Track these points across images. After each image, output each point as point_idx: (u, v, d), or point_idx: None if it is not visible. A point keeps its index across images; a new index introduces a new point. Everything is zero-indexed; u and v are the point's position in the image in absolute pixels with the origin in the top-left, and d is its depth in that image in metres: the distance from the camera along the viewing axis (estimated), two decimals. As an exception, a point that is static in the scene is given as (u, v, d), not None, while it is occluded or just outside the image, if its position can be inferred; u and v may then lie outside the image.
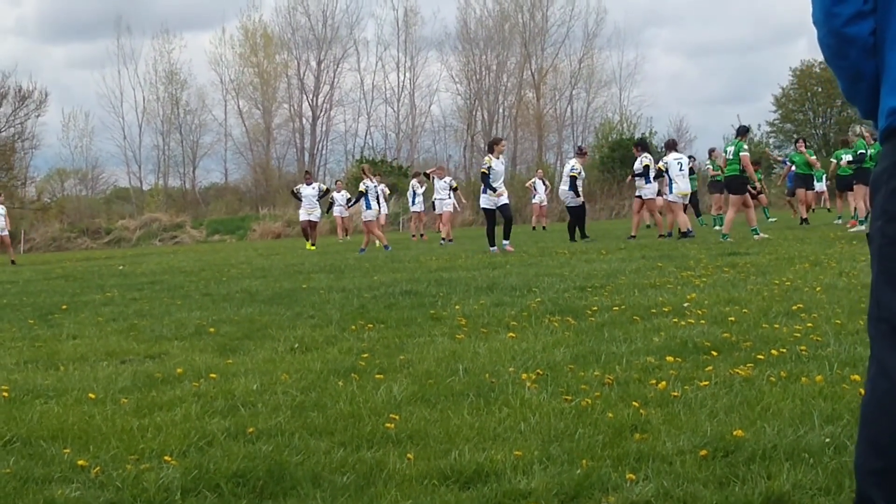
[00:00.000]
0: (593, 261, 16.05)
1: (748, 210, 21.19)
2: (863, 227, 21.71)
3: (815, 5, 3.05)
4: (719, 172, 25.85)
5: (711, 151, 30.64)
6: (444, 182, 29.61)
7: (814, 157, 26.11)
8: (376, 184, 26.64)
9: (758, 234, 20.47)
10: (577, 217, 24.59)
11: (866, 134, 23.42)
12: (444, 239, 28.04)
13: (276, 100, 65.91)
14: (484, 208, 22.26)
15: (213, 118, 65.74)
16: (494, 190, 21.36)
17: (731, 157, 21.02)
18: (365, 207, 25.98)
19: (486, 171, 21.44)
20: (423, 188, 33.38)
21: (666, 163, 23.55)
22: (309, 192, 28.54)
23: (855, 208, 23.87)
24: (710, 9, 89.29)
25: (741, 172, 20.71)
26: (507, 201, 21.96)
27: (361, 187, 26.08)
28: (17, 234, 44.32)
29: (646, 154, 24.85)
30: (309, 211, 28.60)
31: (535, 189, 39.91)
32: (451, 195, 29.48)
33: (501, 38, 64.78)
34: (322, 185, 31.79)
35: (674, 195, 23.39)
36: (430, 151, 66.71)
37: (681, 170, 23.20)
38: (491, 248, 21.18)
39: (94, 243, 51.67)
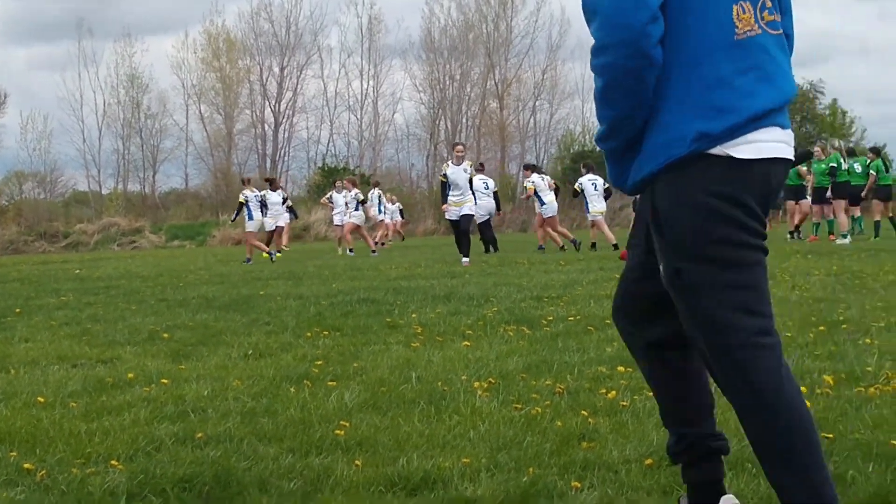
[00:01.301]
0: (552, 271, 16.11)
1: None
2: (847, 241, 21.97)
3: (618, 23, 2.98)
4: None
5: None
6: (352, 195, 28.82)
7: (805, 169, 26.34)
8: (257, 194, 26.54)
9: None
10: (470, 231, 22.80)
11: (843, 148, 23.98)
12: (342, 248, 27.54)
13: (238, 105, 65.68)
14: (449, 220, 21.23)
15: (174, 123, 65.36)
16: (457, 199, 20.28)
17: None
18: (247, 219, 25.86)
19: (444, 179, 20.63)
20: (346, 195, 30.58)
21: (580, 184, 25.28)
22: (275, 198, 28.29)
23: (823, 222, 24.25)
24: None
25: None
26: (469, 212, 20.61)
27: (241, 198, 26.18)
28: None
29: (532, 178, 25.78)
30: (275, 218, 28.33)
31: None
32: (360, 208, 28.74)
33: (465, 47, 64.87)
34: (285, 193, 31.40)
35: (591, 214, 25.22)
36: (393, 160, 66.70)
37: (595, 190, 24.86)
38: (463, 260, 19.77)
39: (52, 247, 51.13)
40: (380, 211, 33.79)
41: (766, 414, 3.17)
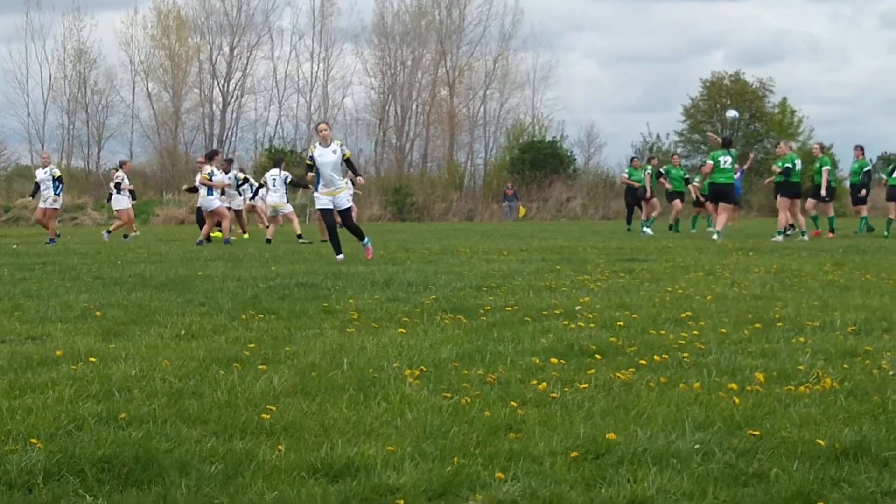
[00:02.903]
0: (493, 261, 16.13)
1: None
2: (779, 238, 22.28)
3: None
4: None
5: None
6: (231, 175, 27.18)
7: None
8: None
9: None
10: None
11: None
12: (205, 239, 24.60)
13: (187, 84, 64.92)
14: (318, 209, 18.24)
15: (120, 99, 64.43)
16: (318, 186, 17.44)
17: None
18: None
19: (310, 163, 17.43)
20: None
21: (264, 178, 27.72)
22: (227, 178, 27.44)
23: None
24: (630, 18, 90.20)
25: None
26: (348, 203, 17.93)
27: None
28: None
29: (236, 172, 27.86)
30: (231, 199, 27.58)
31: None
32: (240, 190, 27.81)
33: (418, 33, 64.66)
34: (240, 173, 30.08)
35: (267, 205, 27.27)
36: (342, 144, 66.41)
37: (274, 185, 26.89)
38: (337, 256, 16.98)
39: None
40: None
41: None
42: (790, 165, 23.04)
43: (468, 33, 65.78)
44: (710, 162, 23.98)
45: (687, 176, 30.83)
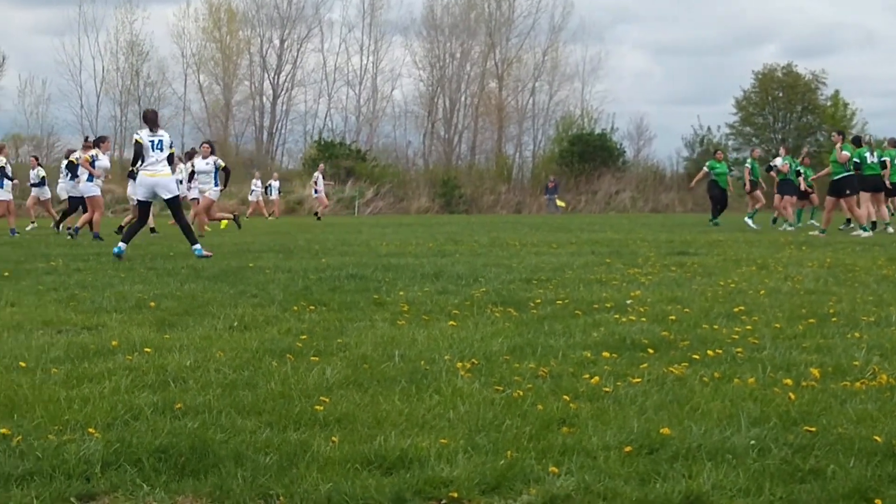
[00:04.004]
0: (543, 253, 16.10)
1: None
2: (755, 226, 22.50)
3: None
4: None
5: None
6: (209, 162, 25.66)
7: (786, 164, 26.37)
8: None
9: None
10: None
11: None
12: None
13: (237, 76, 65.41)
14: (138, 200, 16.68)
15: (172, 91, 65.11)
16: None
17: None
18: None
19: (139, 141, 16.05)
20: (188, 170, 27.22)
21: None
22: (201, 166, 25.58)
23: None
24: (679, 9, 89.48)
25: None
26: (174, 192, 16.33)
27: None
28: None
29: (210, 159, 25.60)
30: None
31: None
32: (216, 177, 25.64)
33: (467, 26, 64.68)
34: (220, 160, 26.18)
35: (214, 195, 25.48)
36: (390, 136, 66.36)
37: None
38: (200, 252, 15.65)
39: (46, 212, 50.90)
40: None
41: None
42: (858, 160, 22.52)
43: (517, 25, 65.76)
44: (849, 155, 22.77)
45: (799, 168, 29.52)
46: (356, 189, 52.64)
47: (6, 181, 26.05)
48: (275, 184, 46.15)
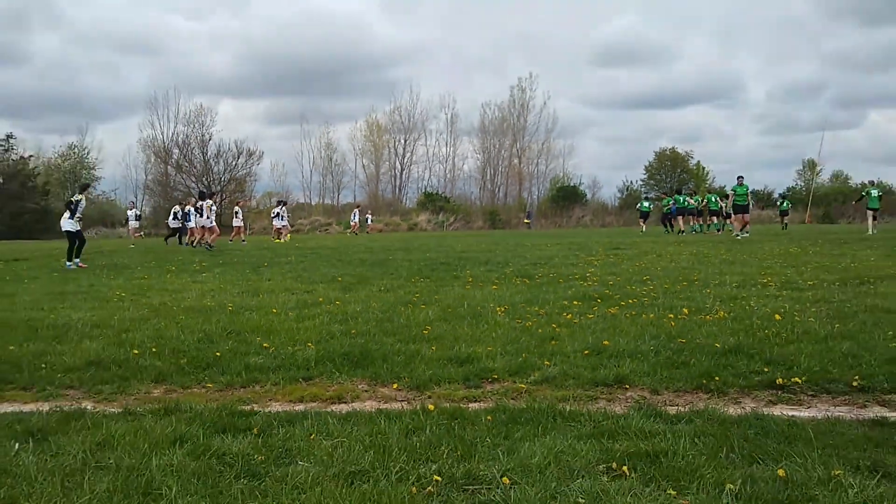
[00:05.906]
0: (541, 249, 15.95)
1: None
2: (744, 235, 20.20)
3: None
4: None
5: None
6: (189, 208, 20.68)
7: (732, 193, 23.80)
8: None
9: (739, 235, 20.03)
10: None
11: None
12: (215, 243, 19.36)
13: (382, 159, 65.61)
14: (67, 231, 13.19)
15: (349, 168, 65.55)
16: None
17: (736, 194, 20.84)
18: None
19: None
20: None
21: (200, 205, 19.45)
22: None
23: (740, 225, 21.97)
24: (617, 118, 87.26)
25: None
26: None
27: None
28: (246, 225, 44.16)
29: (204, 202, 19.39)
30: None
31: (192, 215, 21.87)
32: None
33: (501, 129, 64.05)
34: (212, 203, 20.14)
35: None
36: (462, 190, 66.02)
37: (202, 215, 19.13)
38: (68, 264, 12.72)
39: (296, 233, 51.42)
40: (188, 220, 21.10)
41: None
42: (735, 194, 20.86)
43: (529, 129, 64.78)
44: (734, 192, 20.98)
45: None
46: (443, 218, 52.42)
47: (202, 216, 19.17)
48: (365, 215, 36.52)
